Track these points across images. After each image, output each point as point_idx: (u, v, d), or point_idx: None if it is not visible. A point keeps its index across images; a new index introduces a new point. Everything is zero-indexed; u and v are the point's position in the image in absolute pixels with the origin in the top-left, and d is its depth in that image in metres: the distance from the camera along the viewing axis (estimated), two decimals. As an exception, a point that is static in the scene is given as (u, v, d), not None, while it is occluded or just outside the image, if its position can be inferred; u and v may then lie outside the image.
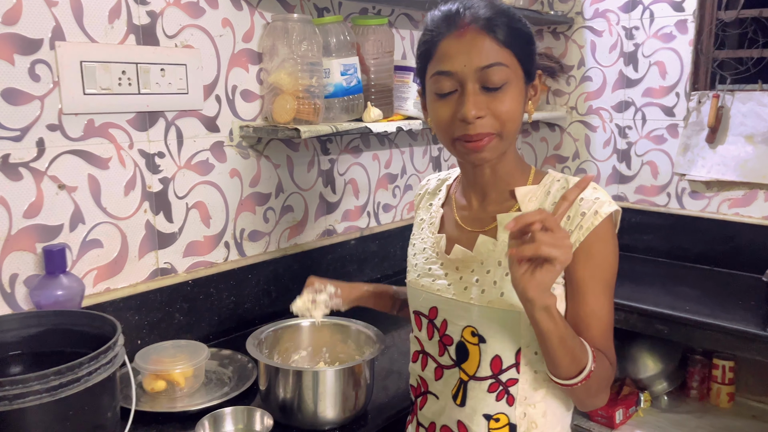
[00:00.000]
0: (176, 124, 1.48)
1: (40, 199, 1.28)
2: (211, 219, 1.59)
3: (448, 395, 1.04)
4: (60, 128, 1.29)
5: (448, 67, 0.92)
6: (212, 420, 1.11)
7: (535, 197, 0.99)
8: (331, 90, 1.64)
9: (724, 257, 2.20)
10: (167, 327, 1.49)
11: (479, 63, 0.90)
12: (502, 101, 0.92)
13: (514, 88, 0.93)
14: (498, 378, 0.99)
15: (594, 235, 0.93)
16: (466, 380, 1.01)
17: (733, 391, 2.21)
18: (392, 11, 1.98)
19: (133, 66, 1.37)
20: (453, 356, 1.03)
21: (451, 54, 0.92)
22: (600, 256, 0.94)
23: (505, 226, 0.84)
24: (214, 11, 1.52)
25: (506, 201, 1.02)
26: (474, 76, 0.91)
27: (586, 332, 0.94)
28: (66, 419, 0.88)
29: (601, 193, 0.96)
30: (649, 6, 2.28)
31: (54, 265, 1.22)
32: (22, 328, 1.05)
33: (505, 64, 0.91)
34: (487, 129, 0.92)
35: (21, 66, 1.22)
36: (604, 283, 0.95)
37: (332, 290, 1.19)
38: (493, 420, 1.00)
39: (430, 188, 1.18)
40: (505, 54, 0.91)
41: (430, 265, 1.08)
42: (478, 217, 1.04)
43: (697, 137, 2.21)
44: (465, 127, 0.92)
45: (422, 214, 1.16)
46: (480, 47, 0.90)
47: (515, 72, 0.93)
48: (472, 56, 0.90)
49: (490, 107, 0.92)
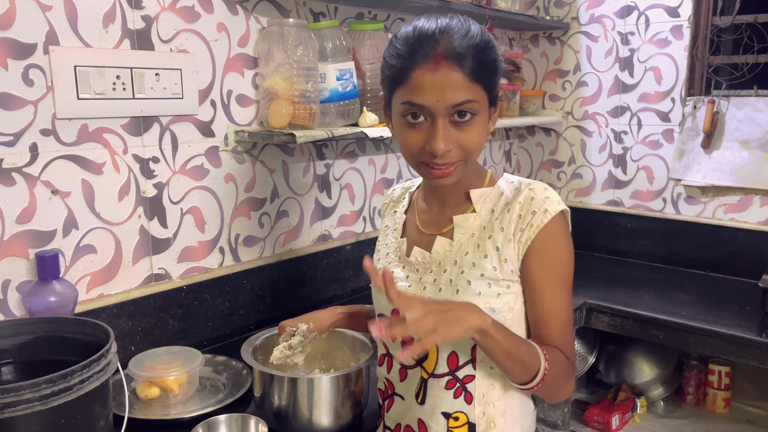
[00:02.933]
0: (171, 129, 1.47)
1: (33, 204, 1.27)
2: (205, 224, 1.58)
3: (411, 395, 1.07)
4: (53, 133, 1.28)
5: (420, 101, 0.93)
6: (206, 427, 1.10)
7: (489, 198, 1.04)
8: (327, 95, 1.63)
9: (719, 262, 2.20)
10: (161, 333, 1.48)
11: (452, 101, 0.91)
12: (470, 133, 0.95)
13: (481, 119, 0.96)
14: (455, 374, 1.02)
15: (545, 234, 0.97)
16: (426, 378, 1.04)
17: (729, 397, 2.21)
18: (388, 16, 1.98)
19: (128, 71, 1.36)
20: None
21: (424, 88, 0.92)
22: (553, 255, 0.98)
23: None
24: (210, 16, 1.51)
25: (463, 204, 1.06)
26: (445, 111, 0.92)
27: (544, 329, 0.99)
28: (57, 428, 0.86)
29: (551, 193, 1.00)
30: (645, 11, 2.29)
31: (47, 271, 1.21)
32: (14, 336, 1.03)
33: (476, 99, 0.93)
34: (454, 159, 0.96)
35: (14, 71, 1.21)
36: (559, 280, 0.99)
37: (304, 328, 1.21)
38: (452, 418, 1.02)
39: (395, 196, 1.22)
40: (476, 89, 0.93)
41: (392, 269, 1.11)
42: (437, 220, 1.08)
43: (693, 142, 2.22)
44: (432, 156, 0.95)
45: (387, 221, 1.20)
46: (453, 85, 0.91)
47: (483, 104, 0.95)
48: (446, 93, 0.91)
49: (458, 140, 0.94)
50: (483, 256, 0.99)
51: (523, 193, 1.00)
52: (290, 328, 1.22)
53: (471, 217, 1.03)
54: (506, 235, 0.99)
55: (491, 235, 1.00)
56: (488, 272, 0.99)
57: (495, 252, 0.99)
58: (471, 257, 1.00)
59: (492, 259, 0.99)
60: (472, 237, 1.02)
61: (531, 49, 2.61)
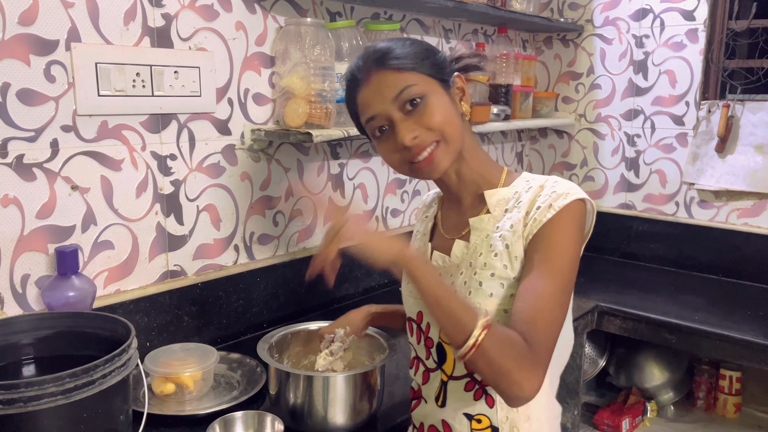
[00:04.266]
0: (188, 126, 1.48)
1: (53, 199, 1.28)
2: (221, 222, 1.59)
3: (432, 397, 1.08)
4: (74, 129, 1.29)
5: (371, 113, 1.00)
6: (223, 424, 1.11)
7: (503, 199, 1.03)
8: (343, 94, 1.63)
9: (732, 267, 2.19)
10: (176, 330, 1.49)
11: (391, 95, 0.98)
12: (428, 114, 0.98)
13: (433, 99, 0.98)
14: (473, 377, 1.02)
15: (547, 225, 0.96)
16: (446, 381, 1.05)
17: (740, 402, 2.20)
18: (403, 16, 1.99)
19: (147, 68, 1.37)
20: (435, 358, 1.07)
21: (368, 100, 1.00)
22: (552, 240, 0.95)
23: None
24: (228, 14, 1.52)
25: (479, 205, 1.06)
26: (393, 106, 0.98)
27: (517, 302, 0.93)
28: (79, 422, 0.87)
29: (560, 186, 0.98)
30: (660, 15, 2.28)
31: (66, 266, 1.22)
32: (35, 330, 1.04)
33: (413, 83, 0.97)
34: (427, 141, 0.98)
35: (37, 67, 1.22)
36: (551, 264, 0.93)
37: (342, 333, 1.24)
38: (475, 420, 1.02)
39: (427, 202, 1.24)
40: (410, 76, 0.98)
41: None
42: (456, 223, 1.09)
43: (707, 146, 2.21)
44: (409, 152, 0.98)
45: (418, 226, 1.21)
46: (384, 83, 0.98)
47: (427, 85, 0.99)
48: (384, 93, 0.98)
49: (420, 124, 0.98)
50: (494, 254, 0.99)
51: (534, 190, 0.99)
52: (328, 335, 1.25)
53: (486, 218, 1.03)
54: (515, 231, 0.97)
55: (501, 233, 0.99)
56: (499, 271, 0.98)
57: (505, 249, 0.98)
58: (483, 257, 1.00)
59: (502, 257, 0.98)
60: (486, 238, 1.02)
61: (544, 51, 2.61)
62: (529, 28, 2.43)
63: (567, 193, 0.96)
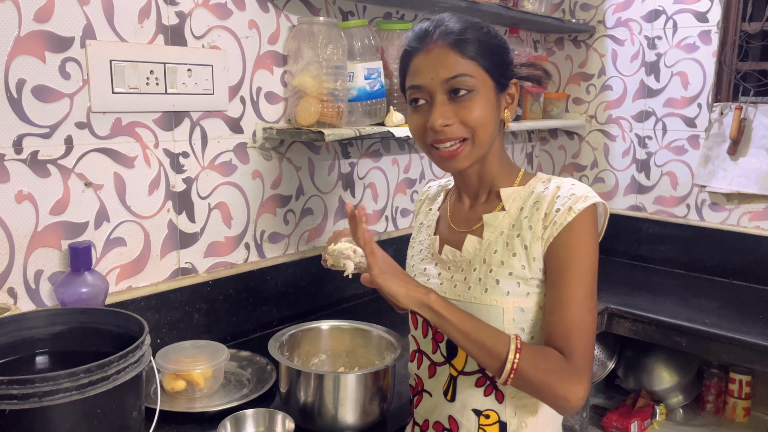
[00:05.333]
0: (201, 124, 1.49)
1: (67, 196, 1.28)
2: (232, 220, 1.59)
3: (439, 392, 1.07)
4: (88, 126, 1.29)
5: (418, 81, 0.99)
6: (234, 421, 1.11)
7: (519, 197, 1.04)
8: (355, 93, 1.64)
9: (743, 270, 2.18)
10: (186, 327, 1.50)
11: (444, 75, 0.97)
12: (469, 109, 0.97)
13: (481, 97, 0.98)
14: (485, 372, 1.02)
15: (568, 229, 0.96)
16: (456, 376, 1.05)
17: (749, 406, 2.19)
18: (415, 16, 1.98)
19: (161, 66, 1.37)
20: (444, 353, 1.07)
21: (420, 69, 0.99)
22: (572, 246, 0.96)
23: None
24: (241, 13, 1.52)
25: (493, 201, 1.07)
26: (441, 87, 0.97)
27: (550, 316, 0.96)
28: (93, 418, 0.88)
29: (578, 188, 0.99)
30: (673, 16, 2.27)
31: (79, 262, 1.23)
32: (49, 325, 1.05)
33: (470, 74, 0.97)
34: (456, 135, 0.98)
35: (52, 63, 1.23)
36: (576, 271, 0.95)
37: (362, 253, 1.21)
38: (483, 416, 1.03)
39: (431, 194, 1.24)
40: (470, 65, 0.97)
41: (425, 265, 1.13)
42: (468, 218, 1.09)
43: (719, 149, 2.20)
44: (435, 134, 0.98)
45: (422, 218, 1.22)
46: (444, 61, 0.97)
47: (482, 81, 0.98)
48: (438, 70, 0.97)
49: (457, 115, 0.97)
50: (512, 254, 1.00)
51: (551, 191, 1.00)
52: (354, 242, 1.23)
53: (500, 216, 1.03)
54: (534, 233, 0.99)
55: (520, 234, 1.00)
56: (517, 271, 0.99)
57: (523, 250, 0.99)
58: (500, 256, 1.01)
59: (521, 257, 0.99)
60: (501, 235, 1.02)
61: (555, 51, 2.60)
62: (541, 28, 2.42)
63: (586, 196, 0.97)
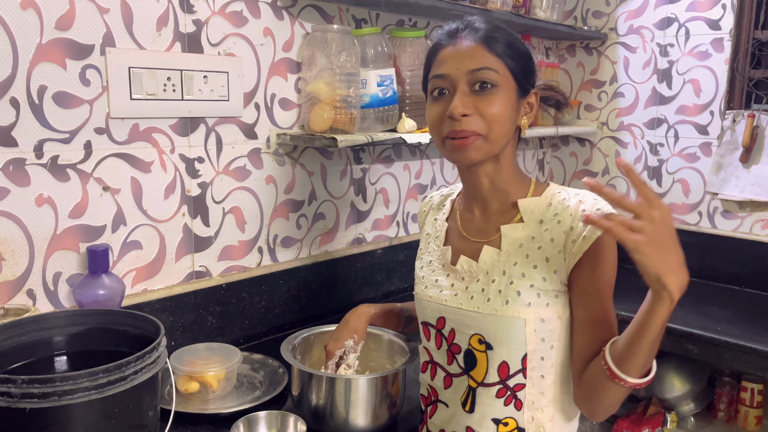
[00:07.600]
0: (216, 130, 1.51)
1: (86, 200, 1.31)
2: (246, 224, 1.61)
3: (457, 402, 1.07)
4: (107, 132, 1.32)
5: (442, 71, 1.01)
6: (247, 423, 1.12)
7: (537, 209, 1.04)
8: (367, 100, 1.66)
9: (755, 278, 2.17)
10: (200, 329, 1.52)
11: (470, 66, 0.99)
12: (489, 103, 0.98)
13: (502, 94, 0.99)
14: (506, 383, 1.02)
15: (598, 243, 0.97)
16: (475, 387, 1.04)
17: (761, 414, 2.17)
18: (428, 23, 2.00)
19: (178, 73, 1.40)
20: (461, 364, 1.06)
21: (447, 59, 1.01)
22: (606, 263, 0.99)
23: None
24: (257, 21, 1.55)
25: (508, 211, 1.07)
26: (465, 78, 0.99)
27: (608, 334, 0.97)
28: (110, 417, 0.90)
29: (602, 204, 1.00)
30: (685, 23, 2.27)
31: (97, 264, 1.25)
32: (68, 326, 1.07)
33: (495, 69, 0.99)
34: (472, 127, 0.98)
35: (72, 70, 1.26)
36: (610, 288, 1.00)
37: (350, 343, 1.24)
38: (502, 424, 1.03)
39: (434, 204, 1.23)
40: (496, 61, 0.99)
41: (436, 277, 1.11)
42: (482, 228, 1.09)
43: (731, 156, 2.19)
44: (452, 124, 0.99)
45: (428, 229, 1.20)
46: (472, 53, 0.99)
47: (505, 80, 1.00)
48: (464, 60, 0.99)
49: (477, 107, 0.98)
50: (533, 266, 1.00)
51: (574, 206, 1.00)
52: (338, 351, 1.24)
53: (519, 227, 1.03)
54: (556, 245, 0.99)
55: (541, 246, 1.00)
56: (538, 282, 0.99)
57: (545, 263, 0.99)
58: (520, 267, 1.00)
59: (542, 269, 0.99)
60: (520, 247, 1.02)
61: (567, 58, 2.61)
62: (553, 35, 2.43)
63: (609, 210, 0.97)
